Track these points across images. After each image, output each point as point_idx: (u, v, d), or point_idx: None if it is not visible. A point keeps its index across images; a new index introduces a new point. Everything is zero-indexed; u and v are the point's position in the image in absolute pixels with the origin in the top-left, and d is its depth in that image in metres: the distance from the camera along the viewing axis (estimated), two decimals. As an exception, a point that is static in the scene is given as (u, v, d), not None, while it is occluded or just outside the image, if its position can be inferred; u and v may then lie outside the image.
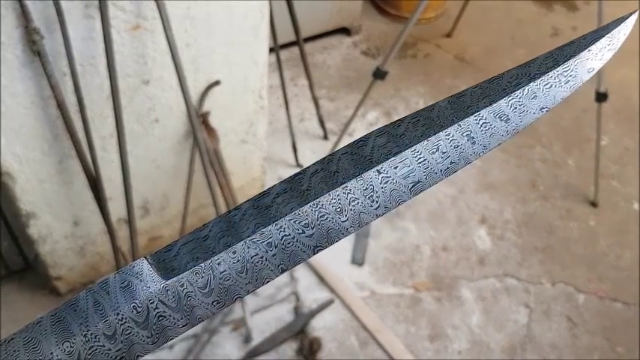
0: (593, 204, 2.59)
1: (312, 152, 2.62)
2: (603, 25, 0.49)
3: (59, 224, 1.84)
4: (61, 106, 1.50)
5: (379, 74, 2.26)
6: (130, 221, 1.77)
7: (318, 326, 2.09)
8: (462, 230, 2.43)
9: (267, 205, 0.43)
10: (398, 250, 2.34)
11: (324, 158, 0.44)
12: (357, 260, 2.28)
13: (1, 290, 2.07)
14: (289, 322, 2.08)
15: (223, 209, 1.97)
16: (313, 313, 2.11)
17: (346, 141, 2.61)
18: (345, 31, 3.27)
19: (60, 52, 1.45)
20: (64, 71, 1.50)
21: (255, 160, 2.24)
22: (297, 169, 2.52)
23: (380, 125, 2.76)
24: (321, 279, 2.20)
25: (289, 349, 2.03)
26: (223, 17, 1.69)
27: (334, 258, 2.26)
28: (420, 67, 3.14)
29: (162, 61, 1.64)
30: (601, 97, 2.35)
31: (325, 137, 2.69)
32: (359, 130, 2.75)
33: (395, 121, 0.45)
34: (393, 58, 2.26)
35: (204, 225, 0.42)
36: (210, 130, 1.89)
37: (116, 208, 1.81)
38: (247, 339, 2.02)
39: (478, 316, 2.18)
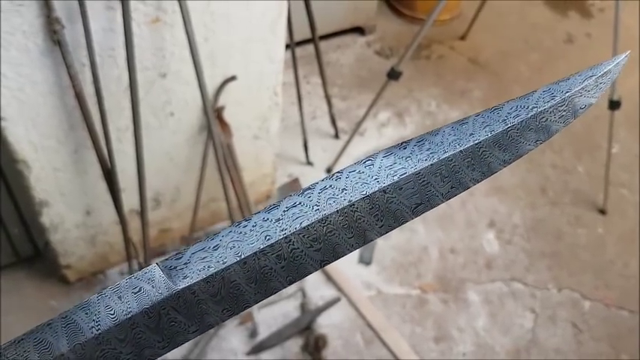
0: (602, 211, 2.59)
1: (323, 151, 2.63)
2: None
3: (71, 213, 1.85)
4: (79, 97, 1.51)
5: (393, 74, 2.27)
6: (142, 213, 1.79)
7: (324, 323, 2.10)
8: (470, 233, 2.44)
9: (277, 219, 0.44)
10: (406, 250, 2.35)
11: (333, 174, 0.46)
12: (365, 259, 2.29)
13: (11, 277, 2.08)
14: (295, 319, 2.09)
15: (234, 204, 1.98)
16: (320, 311, 2.11)
17: (357, 140, 2.62)
18: (359, 30, 3.28)
19: (80, 42, 1.47)
20: (83, 62, 1.51)
21: (267, 157, 2.25)
22: (308, 167, 2.54)
23: (391, 126, 2.78)
24: (328, 277, 2.21)
25: (295, 345, 2.04)
26: (242, 13, 1.70)
27: (342, 256, 2.27)
28: (434, 68, 3.15)
29: (180, 54, 1.65)
30: (614, 104, 2.35)
31: (336, 136, 2.70)
32: (370, 129, 2.75)
33: (401, 143, 0.47)
34: (407, 59, 2.27)
35: (215, 234, 0.43)
36: (224, 125, 1.90)
37: (128, 199, 1.82)
38: (253, 334, 2.04)
39: (484, 319, 2.19)
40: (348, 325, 2.11)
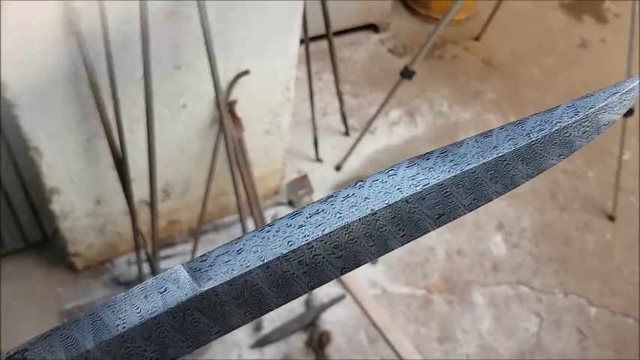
0: (611, 218, 2.58)
1: (333, 148, 2.63)
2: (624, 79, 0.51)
3: (82, 201, 1.86)
4: (93, 86, 1.51)
5: (407, 74, 2.26)
6: (152, 204, 1.79)
7: (329, 320, 2.10)
8: (478, 235, 2.43)
9: (300, 225, 0.44)
10: (412, 250, 2.34)
11: (356, 183, 0.46)
12: (372, 258, 2.28)
13: (19, 263, 2.09)
14: (300, 314, 2.09)
15: (243, 198, 1.99)
16: (324, 307, 2.12)
17: (368, 138, 2.62)
18: (372, 27, 3.27)
19: (97, 32, 1.47)
20: (98, 51, 1.51)
21: (277, 152, 2.25)
22: (317, 164, 2.53)
23: (402, 125, 2.77)
24: (335, 274, 2.20)
25: (299, 340, 2.05)
26: (258, 7, 1.70)
27: (349, 254, 2.27)
28: (447, 68, 3.14)
29: (195, 47, 1.65)
30: (627, 111, 2.33)
31: (347, 133, 2.70)
32: (381, 127, 2.75)
33: (424, 154, 0.48)
34: (420, 59, 2.26)
35: (239, 238, 0.44)
36: (235, 119, 1.90)
37: (138, 190, 1.83)
38: (258, 327, 2.04)
39: (489, 321, 2.18)
40: (353, 323, 2.11)
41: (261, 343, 2.02)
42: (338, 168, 2.57)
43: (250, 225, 2.10)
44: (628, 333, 2.23)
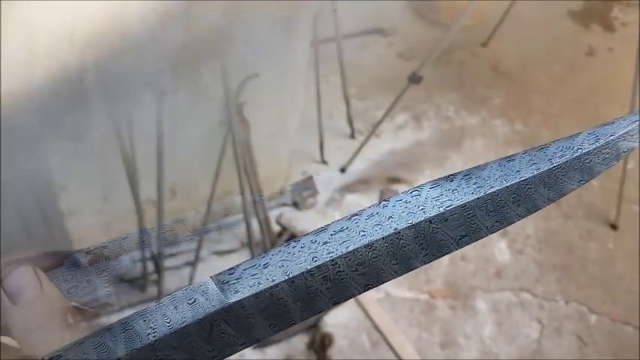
0: (614, 227, 2.59)
1: (339, 150, 2.63)
2: None
3: (89, 200, 1.87)
4: (103, 86, 1.52)
5: (415, 79, 2.27)
6: (159, 203, 1.80)
7: (331, 322, 2.11)
8: (483, 241, 2.40)
9: (324, 241, 0.45)
10: (416, 254, 2.34)
11: (380, 203, 0.47)
12: (375, 261, 2.29)
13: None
14: (303, 316, 2.09)
15: (249, 199, 2.00)
16: (327, 309, 2.12)
17: (373, 142, 2.62)
18: (381, 30, 3.26)
19: (107, 32, 1.48)
20: (108, 51, 1.52)
21: (283, 154, 2.26)
22: (322, 166, 2.53)
23: (408, 129, 2.78)
24: (338, 276, 2.21)
25: (300, 342, 2.06)
26: (269, 9, 1.71)
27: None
28: (454, 73, 3.14)
29: (206, 48, 1.66)
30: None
31: (352, 136, 2.70)
32: (387, 131, 2.75)
33: (448, 176, 0.49)
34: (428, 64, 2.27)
35: (266, 253, 0.45)
36: (243, 121, 1.91)
37: (146, 189, 1.84)
38: (261, 328, 2.04)
39: (491, 327, 2.19)
40: (355, 326, 2.12)
41: (262, 343, 2.02)
42: (343, 170, 2.58)
43: (255, 225, 2.10)
44: (627, 341, 2.24)
